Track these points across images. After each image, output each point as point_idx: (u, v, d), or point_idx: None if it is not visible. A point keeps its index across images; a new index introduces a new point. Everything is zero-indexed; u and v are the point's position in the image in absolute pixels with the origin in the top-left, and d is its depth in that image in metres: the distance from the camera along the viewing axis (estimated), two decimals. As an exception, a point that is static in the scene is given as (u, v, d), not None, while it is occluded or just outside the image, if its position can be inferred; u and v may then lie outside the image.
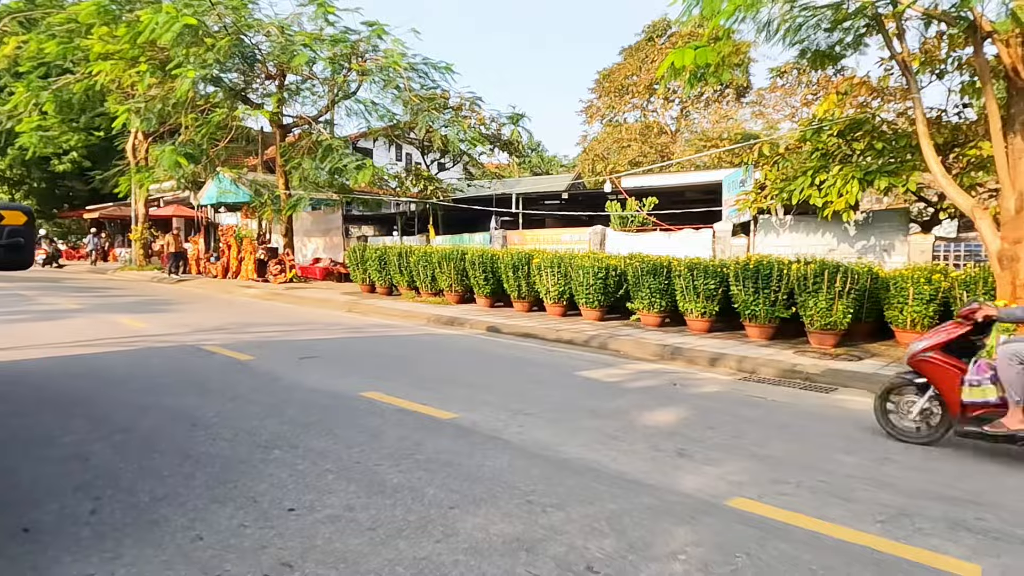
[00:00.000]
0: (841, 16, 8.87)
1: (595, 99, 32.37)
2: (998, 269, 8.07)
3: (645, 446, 4.42)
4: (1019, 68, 7.70)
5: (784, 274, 9.33)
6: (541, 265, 12.18)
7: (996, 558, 2.88)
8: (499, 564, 2.68)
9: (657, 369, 7.87)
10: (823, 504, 3.46)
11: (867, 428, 5.21)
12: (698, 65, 8.71)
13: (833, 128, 11.42)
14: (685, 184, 18.80)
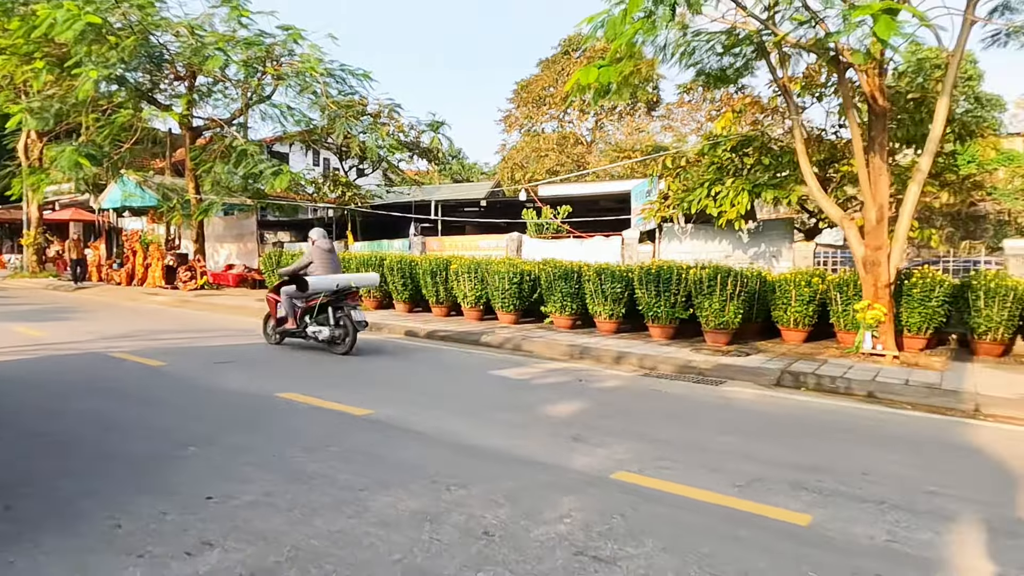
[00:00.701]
0: (731, 43, 9.72)
1: (514, 109, 33.12)
2: (863, 272, 9.10)
3: (546, 433, 4.86)
4: (877, 95, 8.76)
5: (683, 278, 10.09)
6: (459, 271, 12.52)
7: (824, 509, 3.46)
8: (406, 533, 3.00)
9: (566, 367, 8.37)
10: (695, 475, 3.98)
11: (745, 413, 5.86)
12: (602, 83, 9.35)
13: (727, 144, 12.41)
14: (598, 193, 19.65)
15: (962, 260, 11.81)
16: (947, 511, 3.51)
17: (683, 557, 2.84)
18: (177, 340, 9.72)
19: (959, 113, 23.18)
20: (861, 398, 6.95)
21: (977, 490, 3.93)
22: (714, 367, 8.26)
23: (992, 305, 9.21)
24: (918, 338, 9.78)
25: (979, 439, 5.30)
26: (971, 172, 20.46)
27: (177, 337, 10.04)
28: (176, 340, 9.71)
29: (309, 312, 8.89)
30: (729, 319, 9.73)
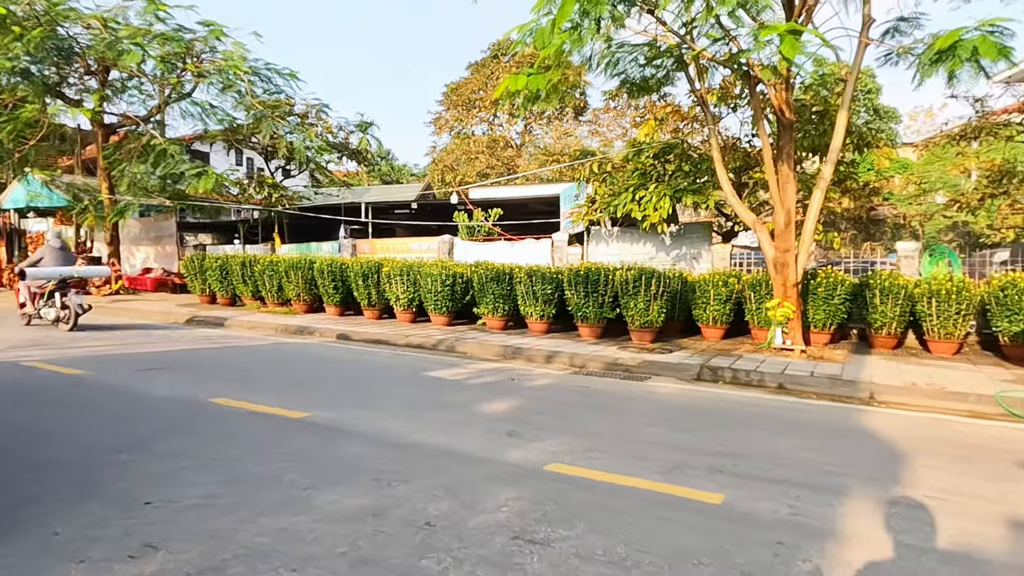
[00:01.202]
0: (652, 55, 10.21)
1: (443, 111, 33.16)
2: (774, 273, 9.77)
3: (481, 430, 5.05)
4: (784, 108, 9.43)
5: (610, 279, 10.51)
6: (391, 273, 12.54)
7: (736, 489, 3.82)
8: (351, 527, 3.13)
9: (499, 367, 8.59)
10: (623, 463, 4.27)
11: (668, 406, 6.25)
12: (531, 90, 9.63)
13: (650, 151, 12.99)
14: (529, 196, 20.03)
15: (861, 261, 12.84)
16: (842, 487, 3.93)
17: (611, 537, 3.09)
18: (96, 348, 9.32)
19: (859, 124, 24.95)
20: (772, 390, 7.50)
21: (868, 468, 4.40)
22: (640, 364, 8.68)
23: (887, 302, 10.08)
24: (823, 333, 10.57)
25: (872, 423, 5.87)
26: (870, 179, 22.12)
27: (95, 344, 9.62)
28: (95, 348, 9.31)
29: (43, 297, 11.20)
30: (653, 318, 10.21)
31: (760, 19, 8.88)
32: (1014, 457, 4.84)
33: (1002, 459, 4.78)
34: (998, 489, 4.04)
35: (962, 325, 9.74)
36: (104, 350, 9.16)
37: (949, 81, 7.28)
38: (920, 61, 7.45)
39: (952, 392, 6.98)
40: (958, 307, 9.62)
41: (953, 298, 9.61)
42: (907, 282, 10.13)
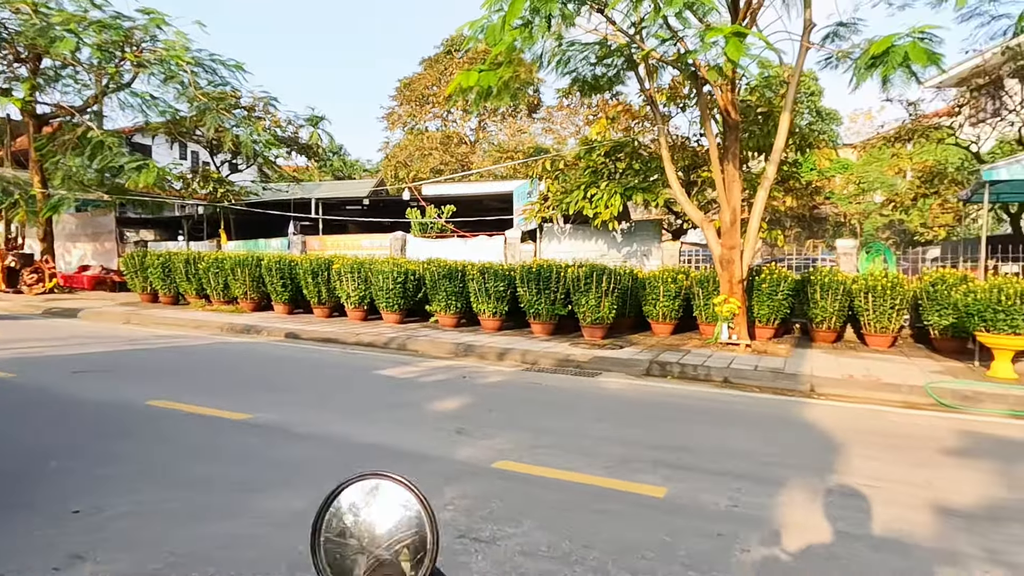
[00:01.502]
0: (603, 54, 10.30)
1: (396, 107, 32.78)
2: (720, 269, 10.00)
3: (431, 428, 5.01)
4: (730, 109, 9.65)
5: (562, 276, 10.57)
6: (341, 271, 12.33)
7: (681, 482, 3.89)
8: (292, 531, 3.06)
9: (451, 365, 8.55)
10: (570, 460, 4.30)
11: (617, 401, 6.33)
12: (482, 87, 9.61)
13: (602, 149, 13.12)
14: (482, 193, 19.96)
15: (803, 258, 13.26)
16: (781, 478, 4.05)
17: (557, 532, 3.11)
18: (26, 349, 8.87)
19: (803, 126, 25.72)
20: (718, 384, 7.68)
21: (807, 458, 4.55)
22: (591, 360, 8.77)
23: (827, 298, 10.44)
24: (768, 328, 10.88)
25: (812, 415, 6.07)
26: (812, 179, 22.87)
27: (25, 346, 9.16)
28: (24, 349, 8.86)
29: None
30: (604, 314, 10.33)
31: (706, 21, 9.06)
32: (939, 445, 5.07)
33: (929, 447, 5.01)
34: (925, 476, 4.23)
35: (896, 319, 10.17)
36: (32, 351, 8.73)
37: (883, 85, 7.58)
38: (856, 65, 7.73)
39: (886, 384, 7.28)
40: (892, 302, 10.04)
41: (888, 294, 10.02)
42: (846, 278, 10.51)
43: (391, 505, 0.79)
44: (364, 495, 0.80)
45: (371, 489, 0.80)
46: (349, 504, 0.80)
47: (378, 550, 0.77)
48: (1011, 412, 6.44)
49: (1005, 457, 4.74)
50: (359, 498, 0.80)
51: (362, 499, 0.80)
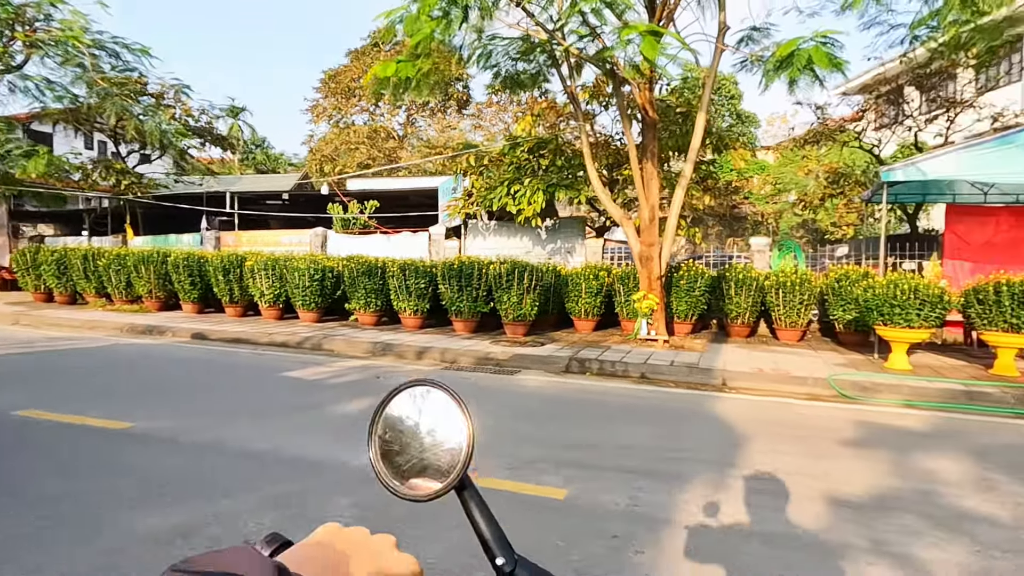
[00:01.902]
0: (525, 49, 10.21)
1: (321, 99, 31.79)
2: (639, 266, 10.10)
3: (332, 433, 4.76)
4: (648, 107, 9.75)
5: (484, 273, 10.43)
6: (255, 268, 11.76)
7: (584, 482, 3.81)
8: (157, 550, 2.77)
9: (366, 365, 8.25)
10: (481, 461, 4.14)
11: (534, 399, 6.23)
12: (400, 78, 9.34)
13: (526, 145, 13.06)
14: (408, 189, 19.61)
15: (721, 255, 13.64)
16: (685, 474, 4.04)
17: (446, 542, 2.95)
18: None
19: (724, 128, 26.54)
20: (635, 379, 7.73)
21: (712, 453, 4.57)
22: (511, 357, 8.66)
23: (741, 294, 10.74)
24: (686, 323, 11.10)
25: (721, 408, 6.16)
26: (732, 179, 23.66)
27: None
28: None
29: None
30: (526, 311, 10.26)
31: (624, 19, 9.10)
32: (839, 436, 5.23)
33: (829, 438, 5.15)
34: (824, 467, 4.32)
35: (805, 314, 10.57)
36: None
37: (790, 87, 7.81)
38: (765, 68, 7.93)
39: (793, 376, 7.51)
40: (801, 298, 10.43)
41: (797, 289, 10.40)
42: (759, 275, 10.84)
43: (437, 411, 0.87)
44: (414, 400, 0.88)
45: (422, 394, 0.88)
46: (401, 407, 0.88)
47: (422, 451, 0.86)
48: (905, 402, 6.74)
49: (898, 447, 4.92)
50: (410, 402, 0.88)
51: (412, 404, 0.88)
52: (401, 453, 0.87)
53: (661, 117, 11.94)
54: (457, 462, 0.83)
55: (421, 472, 0.86)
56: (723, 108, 28.93)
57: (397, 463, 0.87)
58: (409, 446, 0.87)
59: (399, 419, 0.88)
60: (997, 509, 3.60)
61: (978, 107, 14.12)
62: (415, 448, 0.86)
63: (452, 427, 0.85)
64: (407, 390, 0.88)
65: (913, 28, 7.28)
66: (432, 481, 0.84)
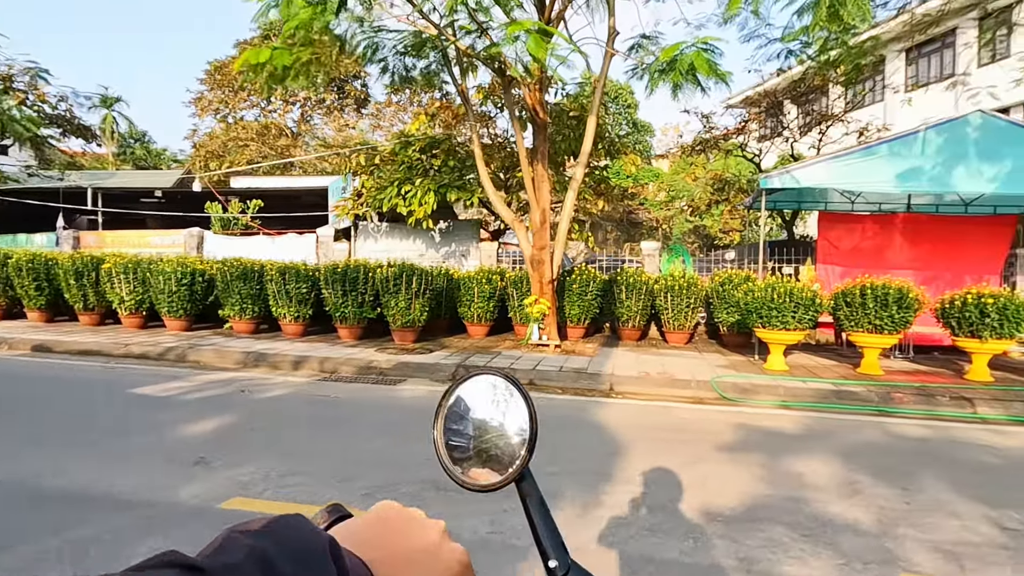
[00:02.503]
0: (415, 44, 9.79)
1: (207, 91, 29.79)
2: (531, 270, 9.92)
3: (164, 460, 4.14)
4: (538, 109, 9.59)
5: (370, 277, 9.89)
6: (113, 271, 10.60)
7: (445, 506, 3.46)
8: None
9: (234, 378, 7.53)
10: (323, 488, 3.70)
11: (410, 412, 5.82)
12: (275, 66, 8.67)
13: (417, 144, 12.61)
14: (297, 188, 18.62)
15: (614, 259, 13.77)
16: (555, 491, 3.77)
17: None
18: None
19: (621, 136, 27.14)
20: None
21: (590, 464, 4.35)
22: (395, 366, 8.20)
23: (631, 297, 10.80)
24: (579, 327, 11.04)
25: (605, 415, 6.00)
26: (628, 186, 24.22)
27: None
28: None
29: None
30: (415, 317, 9.81)
31: (513, 16, 8.90)
32: (717, 440, 5.18)
33: (708, 442, 5.08)
34: (700, 474, 4.19)
35: (692, 317, 10.77)
36: None
37: (673, 92, 7.86)
38: (650, 71, 7.95)
39: (678, 380, 7.52)
40: (688, 301, 10.62)
41: (684, 293, 10.58)
42: (648, 278, 10.95)
43: (501, 402, 0.86)
44: (481, 390, 0.88)
45: (488, 385, 0.87)
46: (467, 396, 0.88)
47: (485, 441, 0.85)
48: (781, 403, 6.89)
49: (771, 450, 4.91)
50: (476, 392, 0.88)
51: (478, 393, 0.88)
52: (465, 441, 0.88)
53: (555, 121, 11.87)
54: (518, 455, 0.83)
55: (483, 462, 0.86)
56: (620, 117, 29.69)
57: (460, 451, 0.87)
58: (472, 435, 0.87)
59: (465, 407, 0.88)
60: (861, 514, 3.58)
61: (847, 121, 15.09)
62: (478, 437, 0.87)
63: (515, 419, 0.86)
64: (473, 379, 0.89)
65: (785, 40, 7.50)
66: (493, 472, 0.84)
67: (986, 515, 3.61)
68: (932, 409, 6.65)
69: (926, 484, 4.15)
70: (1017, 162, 8.60)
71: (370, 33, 9.55)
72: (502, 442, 0.85)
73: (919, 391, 7.07)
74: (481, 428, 0.86)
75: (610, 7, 9.53)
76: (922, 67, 21.98)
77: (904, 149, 8.93)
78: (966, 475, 4.40)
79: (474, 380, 0.89)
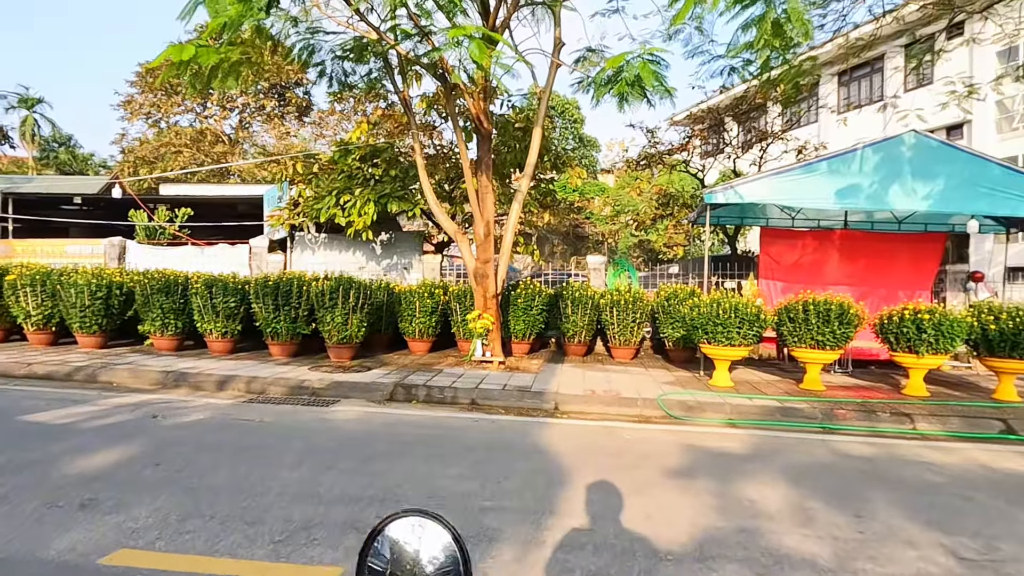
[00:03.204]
0: (355, 47, 9.38)
1: (137, 94, 28.40)
2: (474, 284, 9.59)
3: (41, 503, 3.59)
4: (483, 119, 9.32)
5: (304, 291, 9.37)
6: (18, 283, 9.71)
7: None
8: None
9: (148, 400, 6.89)
10: (226, 533, 3.24)
11: (340, 438, 5.38)
12: (201, 64, 8.12)
13: (358, 152, 12.15)
14: (231, 196, 17.80)
15: (560, 273, 13.59)
16: (491, 531, 3.43)
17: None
18: None
19: (567, 150, 27.21)
20: (464, 407, 7.12)
21: (531, 497, 4.03)
22: (328, 385, 7.71)
23: (577, 312, 10.60)
24: (524, 343, 10.76)
25: (549, 438, 5.70)
26: (574, 199, 24.25)
27: None
28: None
29: None
30: (352, 333, 9.33)
31: (456, 21, 8.62)
32: (665, 464, 4.94)
33: (656, 467, 4.84)
34: (648, 507, 3.93)
35: (638, 332, 10.63)
36: None
37: (619, 104, 7.71)
38: (595, 81, 7.79)
39: (624, 398, 7.30)
40: (634, 316, 10.48)
41: (630, 308, 10.44)
42: (595, 293, 10.78)
43: (430, 543, 0.84)
44: (406, 532, 0.85)
45: (413, 526, 0.85)
46: (392, 539, 0.85)
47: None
48: (727, 421, 6.75)
49: (719, 474, 4.70)
50: (401, 534, 0.85)
51: (404, 535, 0.85)
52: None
53: (500, 132, 11.63)
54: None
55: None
56: (566, 131, 29.84)
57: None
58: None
59: (390, 553, 0.86)
60: (816, 547, 3.37)
61: (786, 139, 15.43)
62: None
63: (446, 563, 0.83)
64: (400, 520, 0.89)
65: (729, 54, 7.47)
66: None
67: (941, 543, 3.46)
68: (874, 426, 6.63)
69: (878, 509, 4.01)
70: (949, 181, 8.83)
71: (306, 35, 9.11)
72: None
73: (861, 407, 7.06)
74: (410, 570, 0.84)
75: (556, 18, 9.38)
76: (854, 90, 22.89)
77: (843, 167, 9.05)
78: (914, 497, 4.28)
79: (404, 520, 0.87)
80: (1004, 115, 19.11)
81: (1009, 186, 8.79)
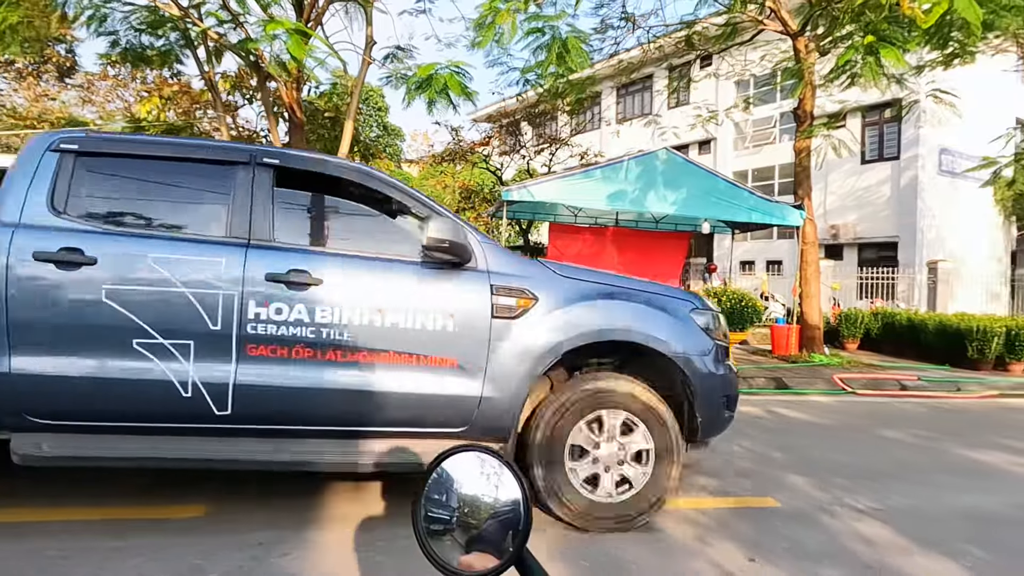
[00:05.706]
0: (152, 21, 9.05)
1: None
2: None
3: None
4: (295, 107, 9.57)
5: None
6: None
7: (231, 495, 3.58)
8: None
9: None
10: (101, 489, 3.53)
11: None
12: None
13: (152, 131, 11.51)
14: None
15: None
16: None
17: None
18: None
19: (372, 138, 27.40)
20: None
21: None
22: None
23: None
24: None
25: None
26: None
27: None
28: None
29: None
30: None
31: (270, 12, 8.79)
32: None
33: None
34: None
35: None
36: None
37: (428, 107, 8.55)
38: (407, 86, 8.54)
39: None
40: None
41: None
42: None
43: (488, 479, 0.81)
44: (465, 467, 0.83)
45: (472, 461, 0.82)
46: (451, 475, 0.82)
47: (475, 522, 0.80)
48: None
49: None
50: (461, 469, 0.83)
51: (463, 471, 0.83)
52: (450, 525, 0.82)
53: (310, 120, 11.83)
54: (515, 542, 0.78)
55: (473, 545, 0.80)
56: (371, 119, 29.93)
57: (446, 536, 0.82)
58: (459, 517, 0.82)
59: (447, 488, 0.83)
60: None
61: (572, 145, 17.47)
62: (466, 519, 0.81)
63: (505, 496, 0.81)
64: (459, 455, 0.85)
65: (523, 72, 8.66)
66: (487, 557, 0.78)
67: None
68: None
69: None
70: (691, 191, 11.01)
71: (98, 2, 8.61)
72: (495, 522, 0.80)
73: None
74: (469, 508, 0.82)
75: (368, 17, 9.91)
76: (628, 104, 26.25)
77: (613, 174, 10.83)
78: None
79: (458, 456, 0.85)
80: (739, 135, 23.37)
81: (732, 197, 11.22)
